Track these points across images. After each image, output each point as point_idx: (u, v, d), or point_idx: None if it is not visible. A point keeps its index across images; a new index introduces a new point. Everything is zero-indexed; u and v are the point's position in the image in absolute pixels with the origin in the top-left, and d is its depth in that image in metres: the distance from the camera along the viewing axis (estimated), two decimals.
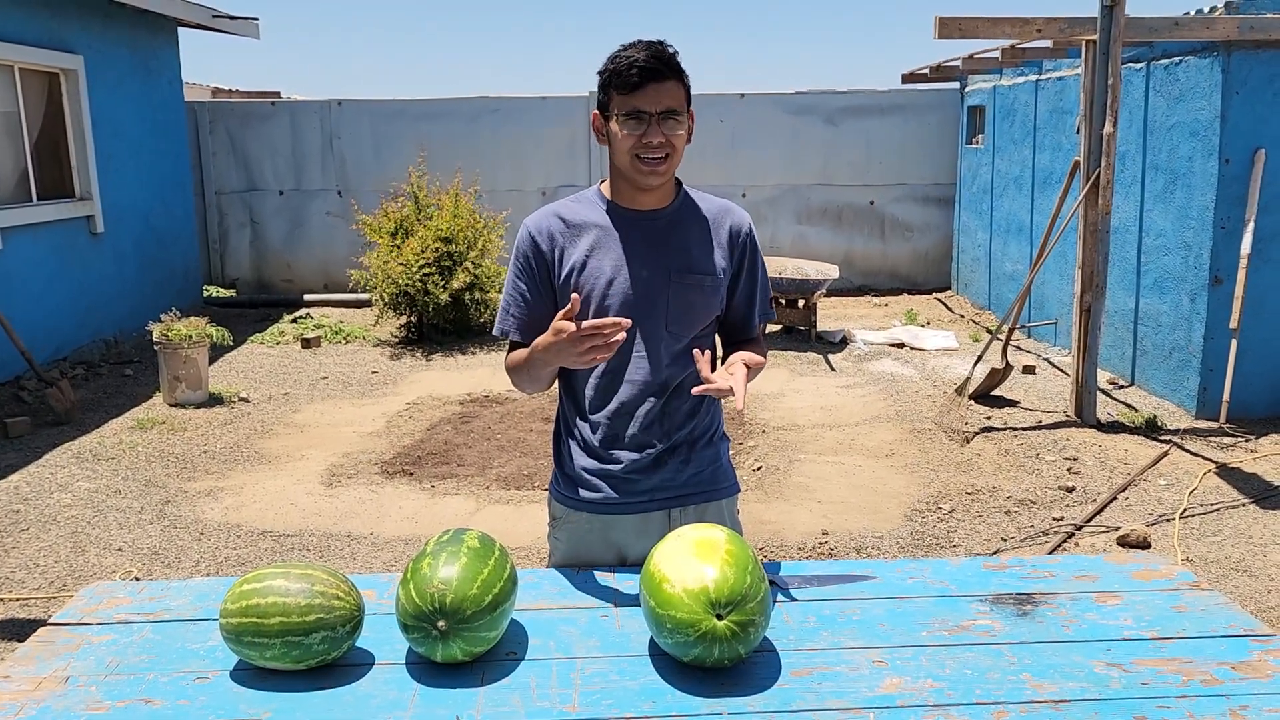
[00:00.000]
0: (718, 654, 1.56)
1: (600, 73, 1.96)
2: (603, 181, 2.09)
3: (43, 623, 1.84)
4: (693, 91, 2.01)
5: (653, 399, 2.04)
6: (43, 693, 1.57)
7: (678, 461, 2.08)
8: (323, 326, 9.54)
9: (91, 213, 8.52)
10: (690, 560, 1.61)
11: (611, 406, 2.05)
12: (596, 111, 2.00)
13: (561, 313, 1.83)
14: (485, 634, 1.62)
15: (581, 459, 2.10)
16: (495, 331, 2.13)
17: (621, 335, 1.78)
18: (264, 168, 11.57)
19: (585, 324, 1.77)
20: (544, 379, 2.03)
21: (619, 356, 2.01)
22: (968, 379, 6.50)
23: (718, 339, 2.18)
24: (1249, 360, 6.08)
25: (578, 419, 2.10)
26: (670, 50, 1.93)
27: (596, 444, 2.07)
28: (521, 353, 2.01)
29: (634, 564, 2.09)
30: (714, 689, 1.57)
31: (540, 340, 1.90)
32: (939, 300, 10.97)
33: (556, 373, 2.07)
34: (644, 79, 1.88)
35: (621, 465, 2.06)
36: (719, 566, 1.58)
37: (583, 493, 2.09)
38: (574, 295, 1.81)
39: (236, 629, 1.59)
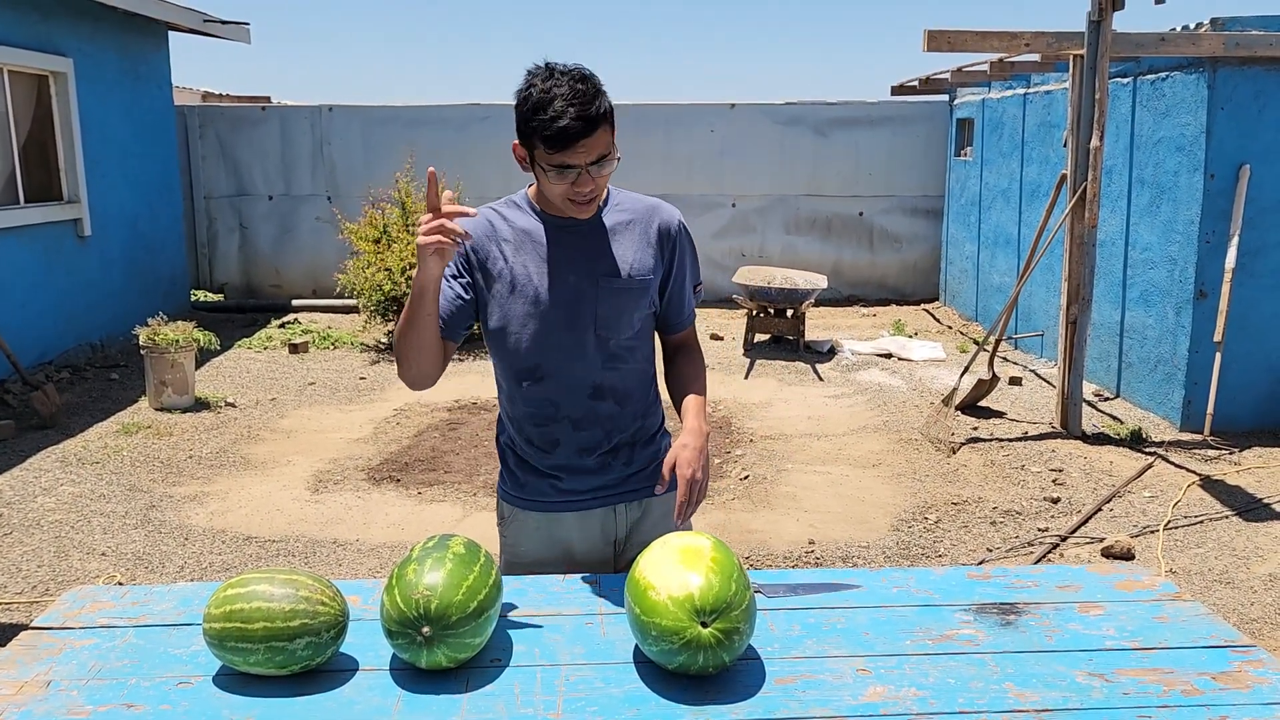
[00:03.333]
0: (702, 661, 1.56)
1: (518, 107, 1.85)
2: (531, 185, 2.06)
3: (24, 627, 1.83)
4: (683, 102, 2.04)
5: (586, 401, 2.05)
6: (24, 697, 1.56)
7: (620, 463, 2.10)
8: (311, 332, 9.52)
9: (79, 216, 8.49)
10: (675, 567, 1.61)
11: (545, 412, 2.06)
12: (516, 141, 1.91)
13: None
14: (470, 640, 1.61)
15: (524, 459, 2.12)
16: None
17: (456, 222, 1.77)
18: (253, 173, 11.55)
19: (442, 210, 1.77)
20: (421, 328, 1.90)
21: (549, 360, 2.02)
22: (954, 390, 6.52)
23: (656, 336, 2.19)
24: (1233, 373, 6.12)
25: (512, 426, 2.12)
26: (592, 89, 1.82)
27: (537, 449, 2.09)
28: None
29: (581, 559, 2.13)
30: (698, 696, 1.57)
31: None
32: (927, 311, 11.02)
33: (434, 332, 1.94)
34: (574, 139, 1.80)
35: (563, 467, 2.08)
36: (704, 574, 1.59)
37: (526, 492, 2.12)
38: (430, 170, 1.78)
39: (220, 634, 1.58)
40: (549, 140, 1.81)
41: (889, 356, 8.60)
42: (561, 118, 1.79)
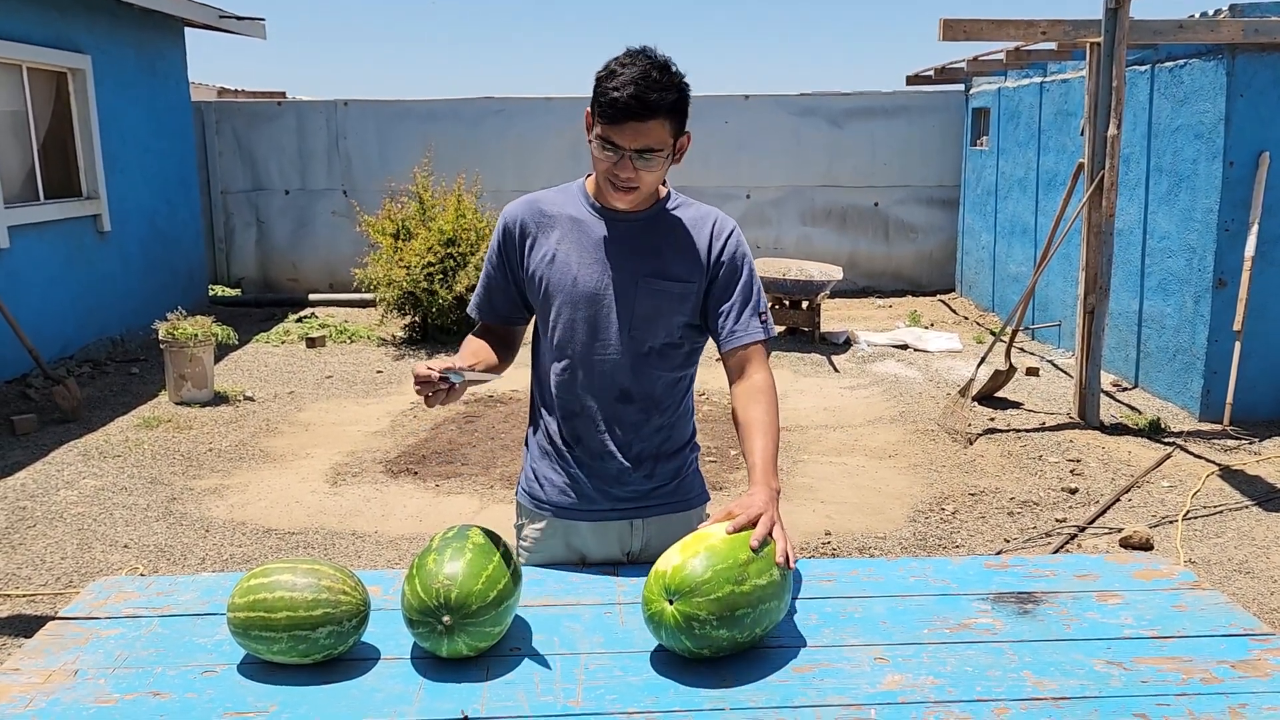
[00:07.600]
0: (666, 639, 1.61)
1: (597, 73, 1.87)
2: (589, 176, 2.05)
3: (49, 619, 1.86)
4: (697, 94, 1.97)
5: (612, 402, 2.01)
6: (52, 685, 1.59)
7: (641, 475, 2.05)
8: (328, 326, 9.56)
9: (98, 212, 8.55)
10: (676, 549, 1.67)
11: (572, 406, 2.03)
12: (589, 110, 1.92)
13: (427, 366, 1.77)
14: (490, 629, 1.63)
15: (546, 461, 2.09)
16: (469, 311, 2.14)
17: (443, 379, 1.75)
18: (270, 167, 11.60)
19: (421, 373, 1.76)
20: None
21: (580, 353, 2.00)
22: (971, 380, 6.50)
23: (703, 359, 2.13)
24: (1252, 363, 6.08)
25: (543, 414, 2.10)
26: (664, 80, 1.81)
27: (560, 444, 2.06)
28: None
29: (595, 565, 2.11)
30: (716, 684, 1.58)
31: None
32: (943, 302, 10.98)
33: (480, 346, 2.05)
34: (624, 117, 1.80)
35: (583, 474, 2.05)
36: (686, 557, 1.63)
37: (546, 496, 2.09)
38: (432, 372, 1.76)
39: (244, 623, 1.60)
40: (601, 109, 1.83)
41: (905, 347, 8.58)
42: (620, 91, 1.79)
